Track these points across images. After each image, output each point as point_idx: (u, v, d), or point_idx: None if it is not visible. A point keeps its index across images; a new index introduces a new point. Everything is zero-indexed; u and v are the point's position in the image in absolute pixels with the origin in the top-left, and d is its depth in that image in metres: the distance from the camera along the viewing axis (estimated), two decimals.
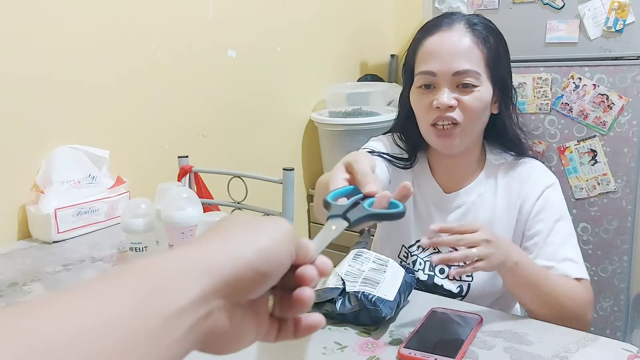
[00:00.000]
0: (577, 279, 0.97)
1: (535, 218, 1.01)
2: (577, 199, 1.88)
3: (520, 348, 0.79)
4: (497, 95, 1.02)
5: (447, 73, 0.96)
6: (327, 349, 0.82)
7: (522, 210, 1.03)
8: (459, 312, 0.88)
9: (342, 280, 0.90)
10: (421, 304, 0.91)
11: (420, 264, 1.08)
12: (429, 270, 1.07)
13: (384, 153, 1.11)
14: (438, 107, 0.97)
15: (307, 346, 0.53)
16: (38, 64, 1.38)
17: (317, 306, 0.89)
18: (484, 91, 0.98)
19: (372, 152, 1.10)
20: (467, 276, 1.04)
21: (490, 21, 1.05)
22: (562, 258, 0.97)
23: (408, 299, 0.93)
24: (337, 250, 1.88)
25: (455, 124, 0.97)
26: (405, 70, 1.06)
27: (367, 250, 0.97)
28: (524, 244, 1.02)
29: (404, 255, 1.11)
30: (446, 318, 0.87)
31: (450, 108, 0.96)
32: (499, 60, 1.00)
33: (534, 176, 1.04)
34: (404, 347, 0.78)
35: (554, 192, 1.04)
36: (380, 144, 1.14)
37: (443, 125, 0.98)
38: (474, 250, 0.81)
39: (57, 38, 1.41)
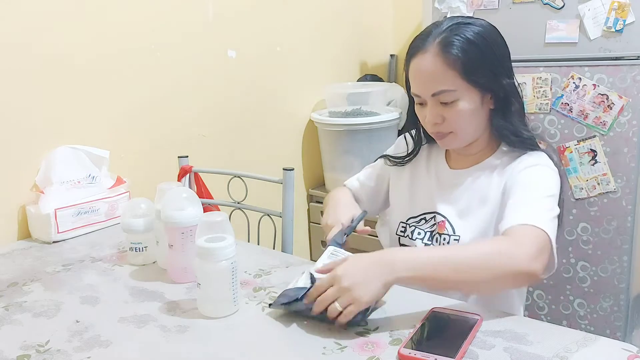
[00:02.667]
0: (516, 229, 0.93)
1: (510, 189, 1.04)
2: (577, 199, 1.88)
3: (520, 348, 0.80)
4: (489, 93, 1.07)
5: (427, 94, 1.06)
6: (327, 349, 0.82)
7: (505, 186, 1.07)
8: (459, 312, 0.88)
9: (313, 278, 0.90)
10: (421, 304, 0.91)
11: (419, 233, 1.16)
12: (428, 239, 1.14)
13: (388, 156, 1.27)
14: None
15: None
16: (38, 64, 1.38)
17: (288, 305, 0.90)
18: (464, 103, 1.05)
19: (383, 156, 1.29)
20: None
21: (472, 29, 1.04)
22: (513, 214, 0.97)
23: (404, 299, 0.93)
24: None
25: (448, 132, 1.08)
26: (406, 82, 1.14)
27: (343, 250, 1.00)
28: None
29: (401, 231, 1.19)
30: (446, 318, 0.87)
31: (437, 124, 1.07)
32: (476, 71, 1.03)
33: (525, 159, 1.08)
34: (404, 347, 0.78)
35: (535, 169, 1.06)
36: (393, 147, 1.30)
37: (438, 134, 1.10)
38: (335, 304, 0.84)
39: (57, 38, 1.41)
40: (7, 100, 1.33)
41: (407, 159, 1.23)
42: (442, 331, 0.85)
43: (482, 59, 1.04)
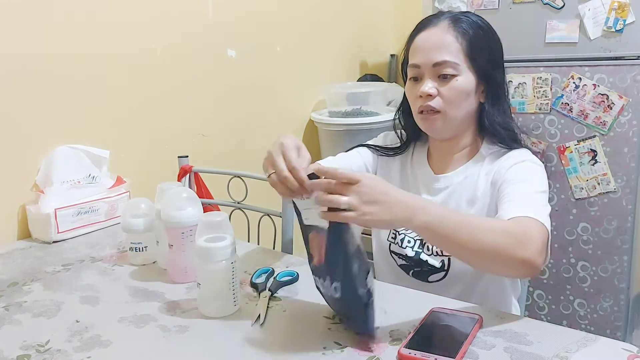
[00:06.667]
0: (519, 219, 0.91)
1: (501, 186, 1.03)
2: (577, 199, 1.88)
3: (520, 348, 0.79)
4: (482, 84, 1.10)
5: (428, 64, 1.06)
6: (327, 349, 0.82)
7: (495, 183, 1.06)
8: (459, 312, 0.88)
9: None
10: (421, 304, 0.91)
11: (409, 241, 1.15)
12: (418, 247, 1.14)
13: (372, 145, 1.25)
14: (421, 96, 1.07)
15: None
16: (38, 64, 1.38)
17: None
18: (463, 81, 1.06)
19: (362, 145, 1.26)
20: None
21: (479, 18, 1.11)
22: (513, 205, 0.95)
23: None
24: None
25: (437, 111, 1.07)
26: (402, 64, 1.16)
27: None
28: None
29: (392, 237, 1.18)
30: (446, 318, 0.87)
31: (430, 97, 1.06)
32: (479, 52, 1.07)
33: (512, 156, 1.09)
34: (404, 347, 0.78)
35: (524, 165, 1.05)
36: (375, 139, 1.29)
37: (427, 111, 1.08)
38: (343, 198, 0.76)
39: (56, 38, 1.41)
40: (7, 100, 1.33)
41: (399, 150, 1.22)
42: (442, 331, 0.85)
43: (485, 43, 1.09)
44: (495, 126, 1.10)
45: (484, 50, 1.08)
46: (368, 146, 1.26)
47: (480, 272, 1.09)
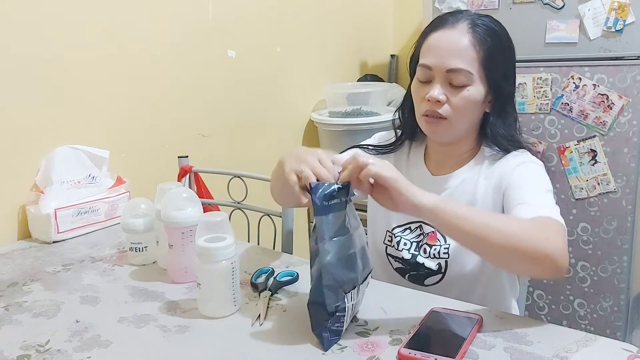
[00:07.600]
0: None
1: (507, 190, 1.02)
2: (577, 199, 1.88)
3: (520, 348, 0.80)
4: (491, 95, 1.06)
5: (441, 69, 1.02)
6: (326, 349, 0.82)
7: (499, 187, 1.05)
8: (459, 312, 0.88)
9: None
10: (421, 304, 0.91)
11: (405, 244, 1.14)
12: (414, 250, 1.12)
13: (365, 145, 1.22)
14: (429, 100, 1.03)
15: None
16: (38, 64, 1.38)
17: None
18: (474, 91, 1.03)
19: (355, 146, 1.22)
20: (444, 253, 1.08)
21: (497, 23, 1.07)
22: (530, 206, 0.94)
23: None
24: None
25: (442, 117, 1.04)
26: (411, 59, 1.12)
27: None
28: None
29: (388, 240, 1.17)
30: (446, 318, 0.87)
31: (439, 103, 1.03)
32: (493, 62, 1.03)
33: (512, 157, 1.07)
34: (404, 347, 0.78)
35: (526, 166, 1.04)
36: (368, 140, 1.26)
37: (432, 116, 1.05)
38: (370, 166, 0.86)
39: (57, 38, 1.41)
40: (7, 100, 1.33)
41: (394, 147, 1.19)
42: (442, 331, 0.85)
43: (501, 53, 1.05)
44: (498, 137, 1.08)
45: (499, 61, 1.04)
46: (361, 147, 1.23)
47: (478, 277, 1.08)
